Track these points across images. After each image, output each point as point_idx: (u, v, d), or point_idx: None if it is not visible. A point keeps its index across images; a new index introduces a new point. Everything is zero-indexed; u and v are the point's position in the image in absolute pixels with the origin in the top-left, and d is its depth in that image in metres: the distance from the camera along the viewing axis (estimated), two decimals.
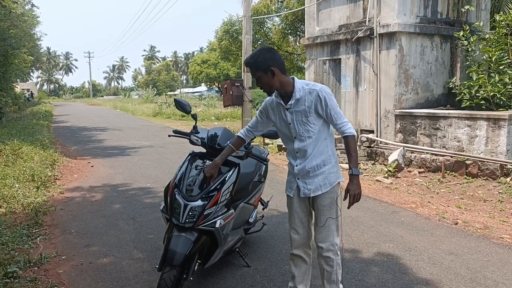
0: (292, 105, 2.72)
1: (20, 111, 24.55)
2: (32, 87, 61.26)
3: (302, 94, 2.70)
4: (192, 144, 3.40)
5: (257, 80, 2.72)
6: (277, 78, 2.68)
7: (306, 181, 2.79)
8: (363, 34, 8.86)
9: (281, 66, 2.70)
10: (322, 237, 2.81)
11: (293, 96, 2.70)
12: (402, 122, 8.46)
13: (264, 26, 17.43)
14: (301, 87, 2.71)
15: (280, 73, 2.68)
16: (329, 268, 2.83)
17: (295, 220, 2.90)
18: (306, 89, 2.70)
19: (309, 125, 2.71)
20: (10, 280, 3.39)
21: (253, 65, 2.69)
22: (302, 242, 2.92)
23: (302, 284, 2.98)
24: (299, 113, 2.71)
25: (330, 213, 2.80)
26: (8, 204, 5.39)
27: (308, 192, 2.80)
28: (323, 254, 2.82)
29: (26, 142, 10.13)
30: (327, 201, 2.79)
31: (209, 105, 28.23)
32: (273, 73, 2.65)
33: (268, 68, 2.64)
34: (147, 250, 4.16)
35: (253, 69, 2.71)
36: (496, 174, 6.75)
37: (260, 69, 2.67)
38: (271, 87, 2.72)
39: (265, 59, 2.66)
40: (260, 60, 2.66)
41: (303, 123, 2.72)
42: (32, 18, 25.07)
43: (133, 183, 7.12)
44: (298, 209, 2.88)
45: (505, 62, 7.81)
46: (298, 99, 2.70)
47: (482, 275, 3.58)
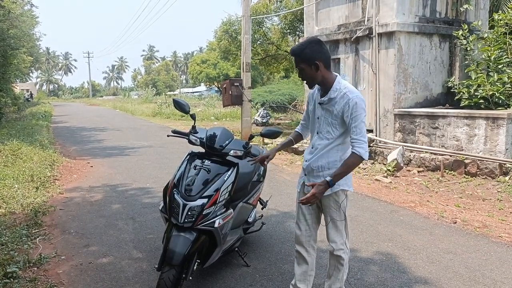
0: (324, 101, 2.72)
1: (19, 112, 24.53)
2: (31, 88, 61.22)
3: (337, 95, 2.66)
4: (191, 144, 3.41)
5: (299, 71, 2.69)
6: (320, 73, 2.64)
7: (310, 179, 2.82)
8: (362, 33, 8.87)
9: (327, 61, 2.66)
10: (332, 236, 2.84)
11: (328, 94, 2.69)
12: (401, 121, 8.46)
13: (263, 26, 17.40)
14: (338, 88, 2.67)
15: (324, 68, 2.64)
16: (340, 266, 2.87)
17: (299, 215, 2.94)
18: (342, 92, 2.65)
19: (331, 127, 2.71)
20: (9, 280, 3.39)
21: (299, 56, 2.64)
22: (302, 239, 2.93)
23: (303, 283, 2.97)
24: (328, 112, 2.71)
25: (334, 214, 2.81)
26: (8, 205, 5.40)
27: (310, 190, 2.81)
28: (334, 253, 2.85)
29: (26, 142, 10.14)
30: (331, 202, 2.80)
31: (209, 105, 28.23)
32: (317, 67, 2.62)
33: (313, 62, 2.61)
34: (146, 250, 4.17)
35: (298, 60, 2.66)
36: (495, 173, 6.76)
37: (305, 61, 2.63)
38: (313, 81, 2.70)
39: (312, 51, 2.61)
40: (307, 52, 2.61)
41: (328, 123, 2.72)
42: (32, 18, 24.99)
43: (132, 183, 7.13)
44: (303, 206, 2.90)
45: (504, 61, 7.82)
46: (331, 98, 2.68)
47: (481, 274, 3.59)
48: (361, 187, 6.73)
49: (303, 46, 2.65)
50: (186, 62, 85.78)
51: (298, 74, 2.75)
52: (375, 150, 8.80)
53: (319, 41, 2.69)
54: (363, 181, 7.20)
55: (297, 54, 2.65)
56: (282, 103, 21.63)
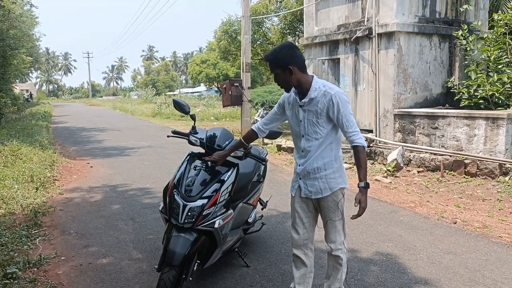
0: (305, 103, 2.72)
1: (19, 112, 24.53)
2: (31, 88, 61.22)
3: (317, 94, 2.68)
4: (191, 144, 3.40)
5: (275, 76, 2.73)
6: (295, 76, 2.66)
7: (307, 182, 2.80)
8: (361, 33, 8.87)
9: (301, 64, 2.68)
10: (330, 237, 2.85)
11: (308, 95, 2.70)
12: (401, 121, 8.46)
13: (263, 26, 17.40)
14: (317, 87, 2.69)
15: (298, 71, 2.67)
16: (339, 266, 2.88)
17: (296, 219, 2.92)
18: (322, 90, 2.67)
19: (318, 127, 2.71)
20: (9, 281, 3.39)
21: (272, 62, 2.68)
22: (301, 243, 2.91)
23: (302, 286, 2.96)
24: (311, 112, 2.71)
25: (332, 215, 2.81)
26: (7, 205, 5.40)
27: (310, 193, 2.81)
28: (332, 253, 2.86)
29: (25, 143, 10.13)
30: (330, 203, 2.80)
31: (208, 105, 28.23)
32: (291, 72, 2.64)
33: (286, 66, 2.64)
34: (146, 250, 4.16)
35: (272, 66, 2.70)
36: (494, 173, 6.76)
37: (279, 66, 2.66)
38: (288, 85, 2.73)
39: (284, 56, 2.64)
40: (280, 57, 2.65)
41: (313, 124, 2.72)
42: (31, 18, 25.01)
43: (132, 183, 7.12)
44: (299, 209, 2.89)
45: (503, 61, 7.82)
46: (312, 98, 2.69)
47: (481, 274, 3.59)
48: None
49: (276, 51, 2.69)
50: (185, 62, 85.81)
51: (274, 79, 2.79)
52: (375, 150, 8.80)
53: (291, 46, 2.73)
54: None
55: (271, 60, 2.69)
56: None
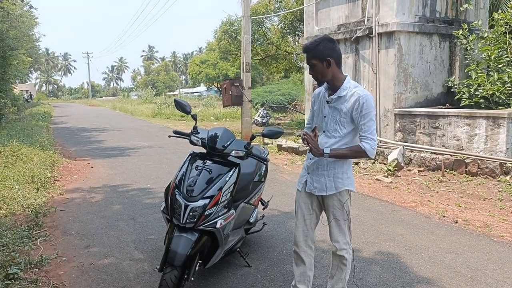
0: (333, 100, 2.73)
1: (19, 113, 24.52)
2: (31, 88, 61.22)
3: (347, 93, 2.68)
4: (192, 144, 3.40)
5: (311, 67, 2.72)
6: (331, 70, 2.67)
7: (313, 177, 2.82)
8: (362, 33, 8.87)
9: (338, 59, 2.69)
10: (335, 236, 2.84)
11: (338, 92, 2.71)
12: (402, 121, 8.46)
13: (263, 26, 17.38)
14: (348, 87, 2.70)
15: (335, 66, 2.67)
16: (343, 266, 2.87)
17: (298, 215, 2.93)
18: (352, 90, 2.68)
19: (340, 125, 2.72)
20: (11, 282, 3.38)
21: (312, 52, 2.67)
22: (301, 239, 2.91)
23: (303, 284, 2.96)
24: (337, 110, 2.72)
25: (338, 214, 2.81)
26: (8, 206, 5.39)
27: (314, 189, 2.82)
28: (337, 252, 2.85)
29: (26, 143, 10.13)
30: (336, 202, 2.80)
31: (208, 105, 28.25)
32: (329, 64, 2.64)
33: (325, 58, 2.64)
34: (147, 250, 4.16)
35: (311, 56, 2.68)
36: (495, 172, 6.75)
37: (317, 57, 2.65)
38: (323, 77, 2.72)
39: (325, 48, 2.64)
40: (320, 48, 2.64)
41: (336, 121, 2.73)
42: (31, 19, 25.00)
43: (133, 183, 7.12)
44: (303, 205, 2.90)
45: (504, 60, 7.81)
46: (340, 96, 2.70)
47: (483, 274, 3.58)
48: (362, 187, 6.73)
49: (316, 42, 2.67)
50: (185, 62, 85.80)
51: (309, 70, 2.78)
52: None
53: (332, 39, 2.73)
54: (364, 181, 7.19)
55: (310, 49, 2.68)
56: (282, 103, 21.62)
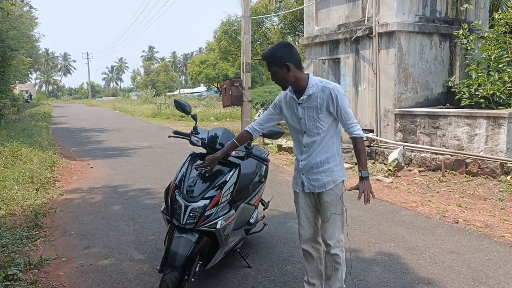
0: (304, 100, 2.76)
1: (19, 113, 24.50)
2: (30, 89, 61.24)
3: (315, 90, 2.74)
4: (192, 144, 3.39)
5: (272, 74, 2.77)
6: (292, 74, 2.72)
7: (310, 177, 2.84)
8: (362, 33, 8.85)
9: (297, 62, 2.74)
10: (329, 234, 2.85)
11: (306, 91, 2.75)
12: (402, 121, 8.45)
13: (263, 26, 17.39)
14: (314, 84, 2.75)
15: (295, 69, 2.72)
16: (337, 265, 2.89)
17: (301, 215, 2.97)
18: (319, 86, 2.74)
19: (319, 122, 2.76)
20: (10, 283, 3.37)
21: (270, 60, 2.74)
22: (308, 237, 2.97)
23: (315, 279, 3.02)
24: (311, 109, 2.76)
25: (335, 209, 2.83)
26: (8, 206, 5.38)
27: (313, 188, 2.85)
28: (331, 251, 2.86)
29: (25, 143, 10.11)
30: (332, 197, 2.83)
31: (208, 105, 28.21)
32: (289, 69, 2.69)
33: (284, 64, 2.68)
34: (147, 251, 4.15)
35: (270, 64, 2.75)
36: (496, 172, 6.74)
37: (276, 64, 2.71)
38: (286, 82, 2.77)
39: (281, 54, 2.70)
40: (277, 55, 2.70)
41: (314, 119, 2.76)
42: (30, 19, 25.01)
43: (133, 184, 7.11)
44: (304, 205, 2.94)
45: (504, 60, 7.80)
46: (310, 95, 2.74)
47: (484, 274, 3.57)
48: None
49: (273, 50, 2.74)
50: (185, 62, 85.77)
51: (271, 77, 2.83)
52: (375, 150, 8.79)
53: (288, 44, 2.81)
54: None
55: (268, 57, 2.74)
56: None
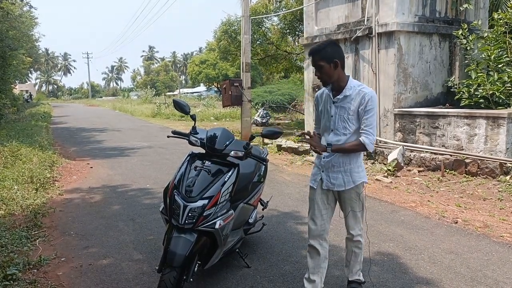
0: (339, 99, 2.86)
1: (18, 113, 24.48)
2: (30, 88, 61.22)
3: (352, 92, 2.82)
4: (191, 144, 3.39)
5: (318, 68, 2.83)
6: (337, 71, 2.81)
7: (330, 174, 2.95)
8: (361, 33, 8.85)
9: (343, 61, 2.83)
10: (351, 225, 3.06)
11: (344, 92, 2.83)
12: (401, 121, 8.45)
13: (263, 26, 17.34)
14: (353, 86, 2.84)
15: (340, 68, 2.81)
16: (358, 250, 3.16)
17: (315, 211, 3.03)
18: (357, 89, 2.82)
19: (348, 123, 2.84)
20: (9, 283, 3.38)
21: (320, 53, 2.79)
22: (318, 233, 3.03)
23: (316, 276, 3.05)
24: (343, 109, 2.84)
25: (355, 206, 3.00)
26: (7, 206, 5.38)
27: (332, 186, 2.96)
28: (354, 239, 3.10)
29: (25, 143, 10.11)
30: (353, 195, 2.97)
31: (208, 105, 28.22)
32: (336, 65, 2.78)
33: (333, 60, 2.77)
34: (146, 251, 4.15)
35: (318, 57, 2.80)
36: (495, 172, 6.74)
37: (325, 58, 2.78)
38: (330, 78, 2.84)
39: (332, 50, 2.79)
40: (328, 50, 2.78)
41: (344, 120, 2.85)
42: (30, 19, 24.99)
43: (132, 184, 7.11)
44: (319, 201, 3.02)
45: (504, 60, 7.80)
46: (346, 96, 2.83)
47: (483, 274, 3.57)
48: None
49: (324, 45, 2.84)
50: (185, 62, 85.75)
51: (315, 72, 2.89)
52: (375, 150, 8.79)
53: (337, 43, 2.95)
54: None
55: (318, 51, 2.81)
56: (281, 103, 21.61)
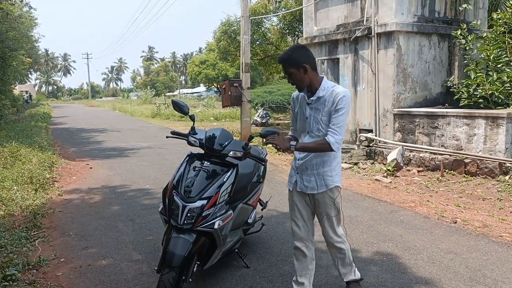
0: (313, 101, 2.83)
1: (18, 113, 24.49)
2: (30, 89, 61.23)
3: (325, 93, 2.79)
4: (190, 145, 3.39)
5: (289, 76, 2.81)
6: (308, 75, 2.77)
7: (303, 177, 2.91)
8: (361, 33, 8.86)
9: (313, 63, 2.80)
10: (328, 231, 2.95)
11: (317, 93, 2.81)
12: (401, 121, 8.46)
13: (262, 26, 17.37)
14: (326, 87, 2.80)
15: (311, 70, 2.78)
16: (342, 255, 3.03)
17: (295, 213, 3.02)
18: (330, 90, 2.79)
19: (321, 124, 2.81)
20: (8, 283, 3.38)
21: (287, 62, 2.77)
22: (301, 235, 3.01)
23: (304, 278, 3.03)
24: (318, 110, 2.82)
25: (330, 211, 2.90)
26: (7, 207, 5.38)
27: (305, 188, 2.91)
28: (335, 245, 2.98)
29: (25, 144, 10.11)
30: (326, 199, 2.90)
31: (208, 105, 28.23)
32: (306, 70, 2.75)
33: (301, 65, 2.74)
34: (146, 251, 4.15)
35: (287, 66, 2.78)
36: (495, 172, 6.75)
37: (293, 65, 2.75)
38: (302, 83, 2.82)
39: (299, 56, 2.75)
40: (294, 57, 2.75)
41: (317, 121, 2.82)
42: (30, 20, 24.99)
43: (131, 184, 7.11)
44: (298, 203, 2.99)
45: (503, 60, 7.81)
46: (320, 97, 2.80)
47: (482, 274, 3.58)
48: (361, 187, 6.72)
49: (290, 52, 2.79)
50: (185, 63, 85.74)
51: (288, 79, 2.87)
52: (374, 150, 8.80)
53: (304, 46, 2.87)
54: (363, 181, 7.19)
55: (286, 59, 2.78)
56: (281, 103, 21.62)
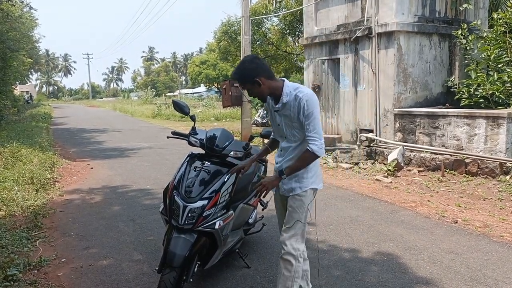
0: (279, 108, 2.75)
1: (19, 114, 24.52)
2: (31, 89, 61.33)
3: (289, 99, 2.70)
4: (190, 145, 3.39)
5: (248, 91, 2.76)
6: (264, 86, 2.69)
7: (283, 181, 2.81)
8: (361, 33, 8.86)
9: (267, 73, 2.69)
10: (286, 238, 2.77)
11: (281, 100, 2.72)
12: (401, 121, 8.46)
13: (263, 27, 17.36)
14: (288, 92, 2.71)
15: (266, 80, 2.68)
16: (287, 272, 2.75)
17: (279, 215, 3.01)
18: (292, 94, 2.69)
19: (294, 130, 2.75)
20: (10, 283, 3.38)
21: (239, 81, 2.72)
22: None
23: (301, 279, 2.97)
24: (286, 117, 2.75)
25: (298, 216, 2.77)
26: (8, 207, 5.39)
27: (284, 191, 2.85)
28: (283, 256, 2.77)
29: (25, 144, 10.12)
30: (297, 203, 2.78)
31: (208, 105, 28.25)
32: (259, 83, 2.66)
33: (253, 80, 2.65)
34: (146, 252, 4.16)
35: (240, 84, 2.74)
36: (495, 172, 6.75)
37: (246, 82, 2.69)
38: (262, 95, 2.76)
39: (248, 71, 2.66)
40: (245, 74, 2.67)
41: (290, 127, 2.76)
42: (31, 20, 25.01)
43: (132, 184, 7.12)
44: (280, 206, 2.98)
45: (503, 60, 7.81)
46: (284, 103, 2.71)
47: (482, 274, 3.58)
48: (361, 187, 6.72)
49: (239, 69, 2.70)
50: (185, 63, 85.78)
51: (248, 94, 2.82)
52: (375, 150, 8.80)
53: (253, 58, 2.74)
54: (363, 181, 7.19)
55: (237, 79, 2.72)
56: None
